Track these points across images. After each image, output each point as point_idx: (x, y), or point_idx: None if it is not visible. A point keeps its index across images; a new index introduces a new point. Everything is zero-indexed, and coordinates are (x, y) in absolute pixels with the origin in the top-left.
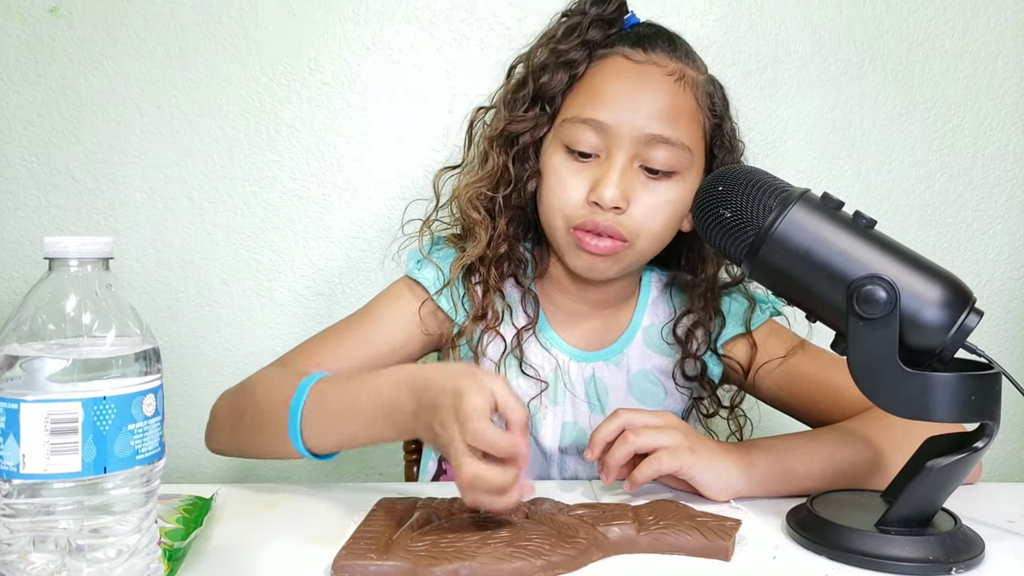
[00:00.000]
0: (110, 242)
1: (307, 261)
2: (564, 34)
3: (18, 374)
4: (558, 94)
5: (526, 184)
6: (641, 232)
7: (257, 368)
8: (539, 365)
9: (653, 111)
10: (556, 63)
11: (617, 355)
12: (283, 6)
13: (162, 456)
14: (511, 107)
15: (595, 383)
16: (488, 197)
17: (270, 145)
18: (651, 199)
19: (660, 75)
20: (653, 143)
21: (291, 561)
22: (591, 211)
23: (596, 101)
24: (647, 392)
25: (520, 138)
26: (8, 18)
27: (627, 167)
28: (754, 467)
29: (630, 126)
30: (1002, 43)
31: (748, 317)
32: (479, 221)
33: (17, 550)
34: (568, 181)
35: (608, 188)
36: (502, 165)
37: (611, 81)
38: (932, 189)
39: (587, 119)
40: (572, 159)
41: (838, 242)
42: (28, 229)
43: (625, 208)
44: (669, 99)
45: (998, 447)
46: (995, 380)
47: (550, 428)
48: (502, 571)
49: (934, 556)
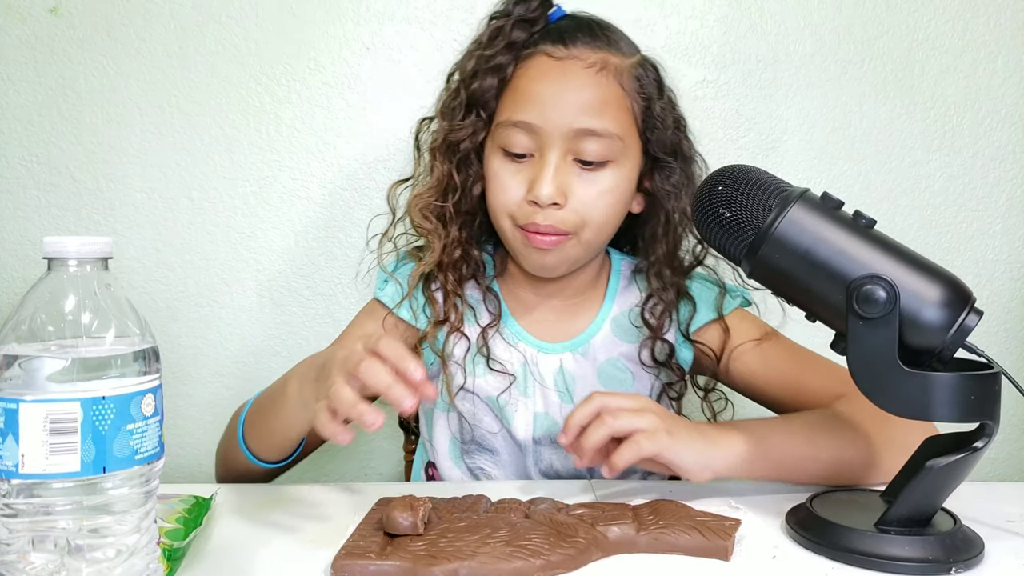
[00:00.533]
0: (109, 242)
1: (307, 261)
2: (489, 39)
3: (17, 374)
4: (491, 99)
5: (471, 189)
6: (584, 223)
7: (256, 367)
8: (506, 360)
9: (578, 106)
10: (484, 69)
11: (583, 345)
12: (283, 6)
13: (161, 456)
14: (449, 116)
15: (563, 373)
16: (437, 206)
17: (270, 145)
18: (588, 190)
19: (581, 69)
20: (582, 136)
21: (291, 561)
22: (532, 210)
23: (524, 103)
24: (615, 379)
25: (461, 145)
26: (8, 18)
27: (560, 163)
28: (732, 446)
29: (557, 123)
30: (1002, 43)
31: (720, 302)
32: (431, 230)
33: (16, 550)
34: (507, 183)
35: (543, 187)
36: (447, 173)
37: (535, 82)
38: (932, 189)
39: (517, 122)
40: (509, 161)
41: (838, 242)
42: (28, 229)
43: (563, 203)
44: (592, 91)
45: (998, 447)
46: (995, 380)
47: (522, 420)
48: (502, 571)
49: (934, 556)
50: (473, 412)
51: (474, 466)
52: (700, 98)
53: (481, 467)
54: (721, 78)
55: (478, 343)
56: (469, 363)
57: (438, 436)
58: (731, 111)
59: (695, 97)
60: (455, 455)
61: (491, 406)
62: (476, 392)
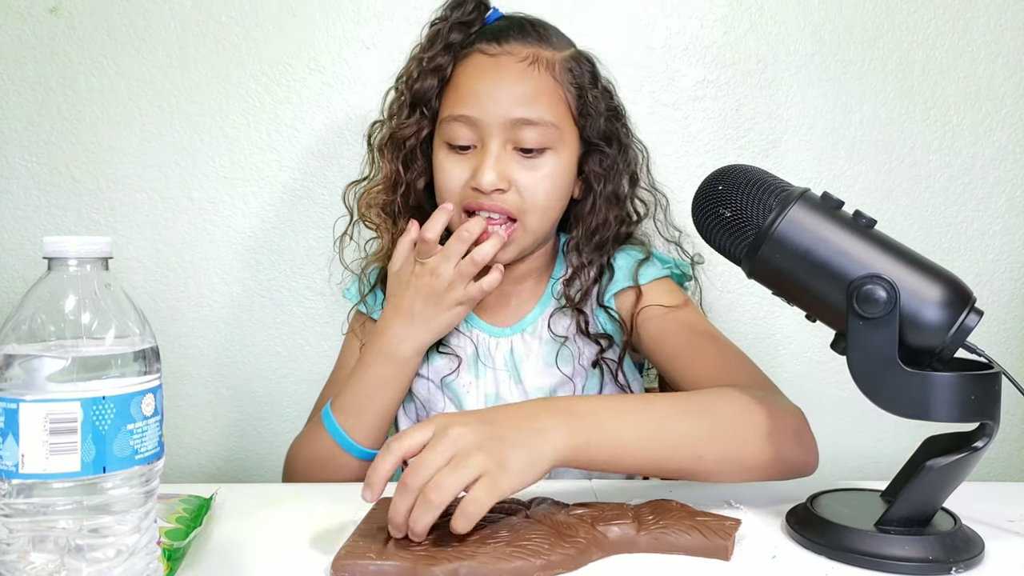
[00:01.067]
0: (109, 242)
1: (307, 261)
2: (429, 42)
3: (17, 374)
4: (432, 97)
5: (416, 183)
6: (527, 209)
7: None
8: (457, 346)
9: (513, 97)
10: (425, 70)
11: (531, 325)
12: (283, 6)
13: (161, 456)
14: (395, 116)
15: (512, 353)
16: (386, 201)
17: (270, 145)
18: (529, 176)
19: (513, 63)
20: (519, 125)
21: (291, 561)
22: (476, 195)
23: (463, 99)
24: (561, 355)
25: (406, 142)
26: (8, 18)
27: (501, 151)
28: (556, 439)
29: (495, 114)
30: (1002, 43)
31: (636, 271)
32: (380, 224)
33: (16, 550)
34: (452, 172)
35: (486, 173)
36: (393, 170)
37: (472, 79)
38: (932, 189)
39: (457, 116)
40: (453, 153)
41: (838, 242)
42: (28, 229)
43: (507, 188)
44: (525, 83)
45: (998, 447)
46: (995, 380)
47: (474, 401)
48: (502, 571)
49: (934, 556)
50: (428, 397)
51: None
52: (700, 98)
53: None
54: (721, 78)
55: None
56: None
57: (402, 426)
58: (731, 111)
59: (695, 97)
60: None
61: (444, 390)
62: (429, 376)
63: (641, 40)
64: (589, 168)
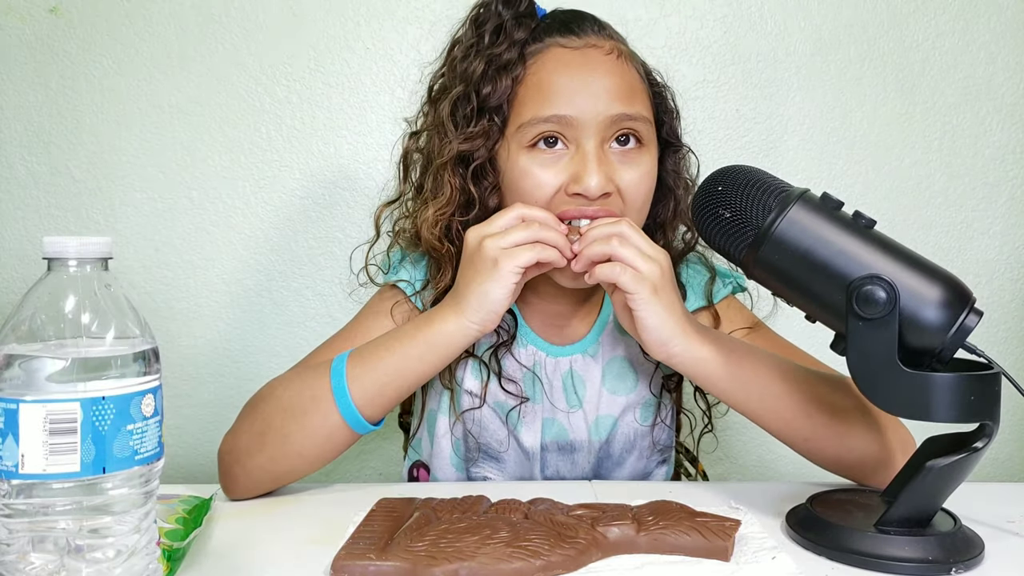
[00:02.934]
0: (109, 242)
1: (307, 261)
2: (492, 38)
3: (17, 374)
4: (503, 101)
5: (487, 201)
6: (628, 211)
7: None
8: (515, 366)
9: (610, 92)
10: (494, 70)
11: (592, 345)
12: (283, 6)
13: (161, 456)
14: (458, 126)
15: (572, 376)
16: (457, 222)
17: (270, 145)
18: (632, 173)
19: (601, 56)
20: (620, 122)
21: (291, 561)
22: (577, 204)
23: (551, 96)
24: (620, 380)
25: (475, 155)
26: (8, 18)
27: (600, 151)
28: (702, 339)
29: (593, 111)
30: (1002, 43)
31: (710, 289)
32: (445, 253)
33: (16, 550)
34: (541, 177)
35: (592, 177)
36: (460, 188)
37: (558, 74)
38: (932, 189)
39: (548, 117)
40: (538, 153)
41: (838, 242)
42: (28, 229)
43: (612, 191)
44: (618, 77)
45: (998, 447)
46: (995, 380)
47: (530, 426)
48: (502, 571)
49: (934, 556)
50: (480, 418)
51: (477, 475)
52: (700, 98)
53: (485, 475)
54: (721, 78)
55: (489, 359)
56: (480, 372)
57: (440, 440)
58: (731, 111)
59: (695, 97)
60: (457, 463)
61: (498, 412)
62: (488, 401)
63: (641, 40)
64: (667, 170)
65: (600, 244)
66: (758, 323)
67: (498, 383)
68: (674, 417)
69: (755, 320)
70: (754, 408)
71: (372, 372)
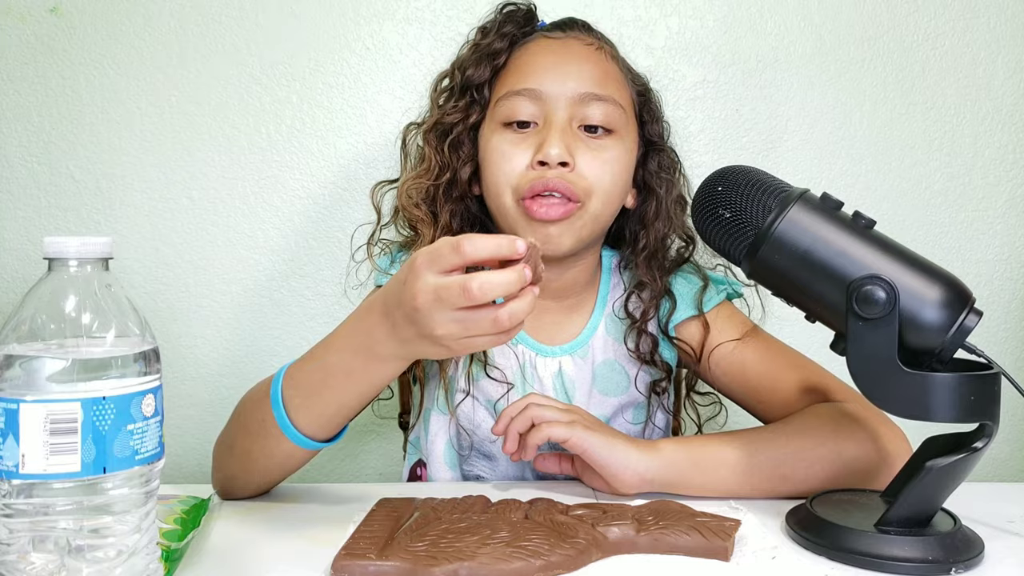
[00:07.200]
0: (110, 242)
1: (307, 261)
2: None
3: (17, 374)
4: (485, 83)
5: (461, 171)
6: (592, 190)
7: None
8: (504, 365)
9: (582, 73)
10: (480, 56)
11: (582, 347)
12: (283, 6)
13: (161, 456)
14: (441, 102)
15: (562, 377)
16: (428, 191)
17: (270, 145)
18: (595, 156)
19: (581, 45)
20: (587, 100)
21: (290, 561)
22: (538, 173)
23: (527, 73)
24: (611, 382)
25: (454, 128)
26: (8, 18)
27: (566, 127)
28: (660, 451)
29: (563, 88)
30: (1002, 43)
31: (700, 298)
32: (421, 218)
33: (17, 550)
34: (510, 152)
35: (553, 146)
36: (437, 153)
37: (537, 56)
38: (932, 189)
39: (521, 90)
40: (511, 132)
41: (838, 242)
42: (28, 229)
43: (572, 165)
44: (594, 63)
45: (998, 447)
46: (994, 380)
47: None
48: (502, 571)
49: (934, 556)
50: (472, 417)
51: (470, 473)
52: (700, 98)
53: (478, 474)
54: (721, 78)
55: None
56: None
57: (434, 438)
58: (731, 111)
59: (695, 97)
60: (451, 461)
61: (490, 410)
62: (476, 395)
63: (641, 40)
64: (648, 171)
65: (519, 419)
66: (753, 329)
67: (483, 368)
68: (669, 420)
69: (750, 326)
70: (725, 480)
71: (311, 400)
